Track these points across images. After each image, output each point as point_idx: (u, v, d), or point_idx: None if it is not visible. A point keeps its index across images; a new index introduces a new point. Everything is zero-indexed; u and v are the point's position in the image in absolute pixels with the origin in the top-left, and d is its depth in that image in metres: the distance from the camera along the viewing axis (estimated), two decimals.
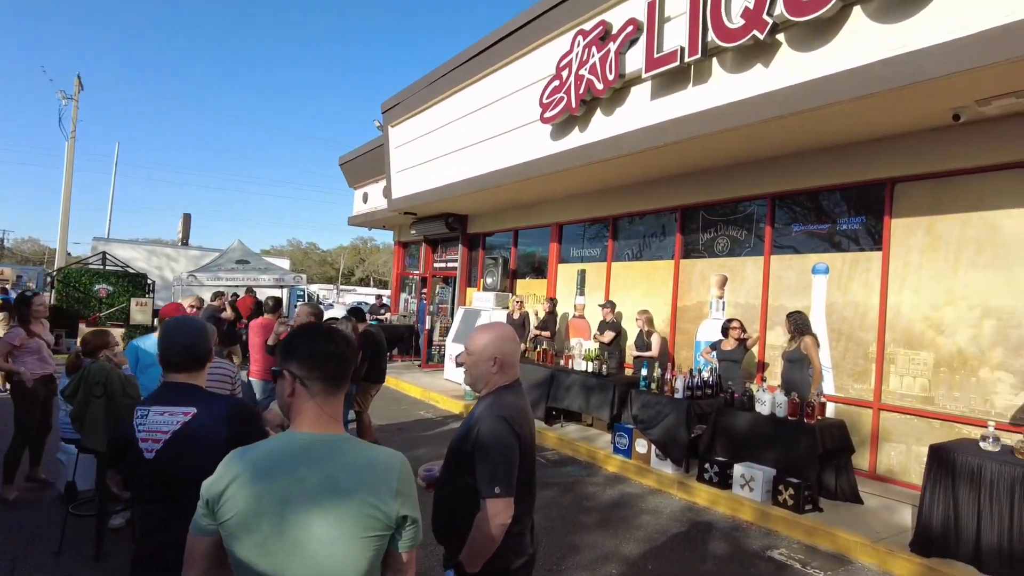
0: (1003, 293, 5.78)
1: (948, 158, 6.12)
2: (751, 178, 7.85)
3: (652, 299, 9.25)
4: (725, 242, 8.35)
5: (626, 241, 9.97)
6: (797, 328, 6.34)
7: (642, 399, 6.83)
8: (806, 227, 7.45)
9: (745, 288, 8.00)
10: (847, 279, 6.94)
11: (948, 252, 6.17)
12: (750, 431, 5.89)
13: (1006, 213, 5.83)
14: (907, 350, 6.38)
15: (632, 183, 9.47)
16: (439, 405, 10.28)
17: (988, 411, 5.79)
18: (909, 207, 6.50)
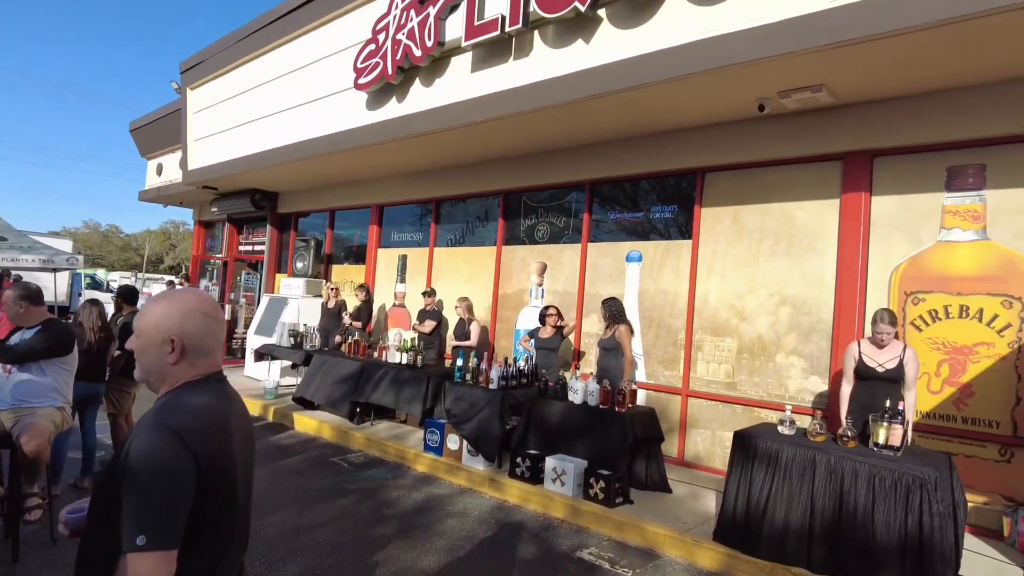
0: (797, 281, 6.03)
1: (752, 150, 6.28)
2: (571, 164, 7.67)
3: (474, 286, 8.82)
4: (546, 229, 8.12)
5: (449, 225, 9.45)
6: (612, 316, 6.19)
7: (456, 391, 6.33)
8: (622, 215, 7.40)
9: (564, 275, 7.82)
10: (659, 267, 6.97)
11: (751, 241, 6.35)
12: (563, 421, 5.61)
13: (799, 205, 6.08)
14: (713, 337, 6.50)
15: (456, 164, 8.97)
16: None
17: (783, 395, 6.02)
18: (717, 197, 6.62)
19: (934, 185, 5.41)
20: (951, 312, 5.25)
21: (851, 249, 5.69)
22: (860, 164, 5.70)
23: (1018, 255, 5.02)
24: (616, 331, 6.10)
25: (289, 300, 10.52)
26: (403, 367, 7.26)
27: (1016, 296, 5.01)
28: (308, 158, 9.10)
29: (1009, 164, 5.11)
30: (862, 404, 4.63)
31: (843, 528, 3.97)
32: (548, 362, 6.77)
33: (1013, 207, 5.06)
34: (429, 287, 8.70)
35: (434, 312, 8.32)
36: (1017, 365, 4.97)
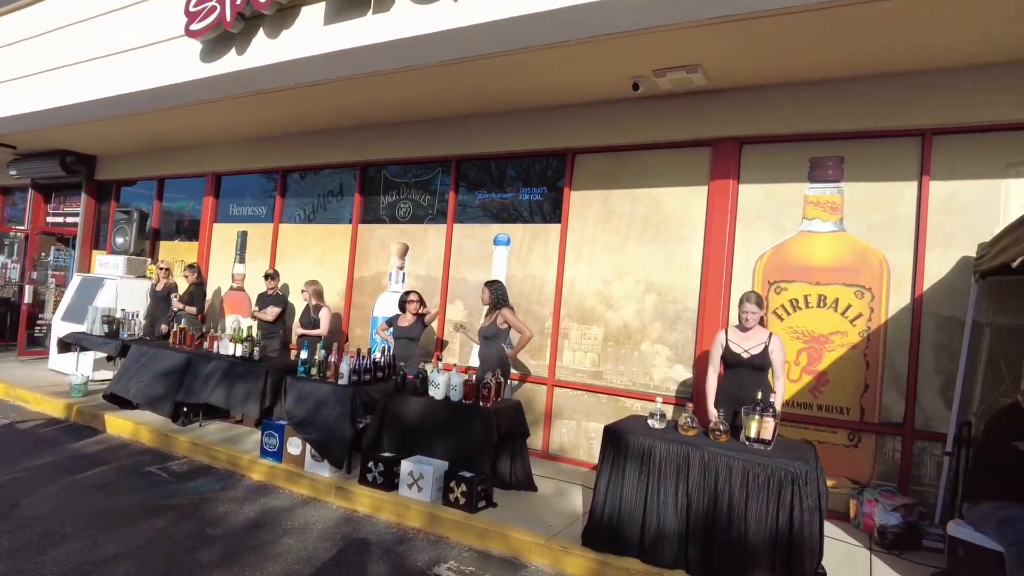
0: (663, 269, 5.89)
1: (624, 132, 6.05)
2: (438, 138, 7.08)
3: (326, 268, 7.99)
4: (408, 207, 7.48)
5: (298, 199, 8.50)
6: (497, 300, 5.72)
7: (299, 388, 5.57)
8: (490, 195, 6.94)
9: (427, 258, 7.24)
10: (527, 251, 6.59)
11: (620, 226, 6.14)
12: (423, 419, 5.06)
13: (668, 191, 5.94)
14: (580, 324, 6.23)
15: (307, 130, 8.05)
16: (30, 406, 7.60)
17: (648, 384, 5.88)
18: (587, 179, 6.34)
19: (798, 175, 5.45)
20: (810, 302, 5.32)
21: (718, 237, 5.62)
22: (729, 151, 5.64)
23: (869, 247, 5.15)
24: (499, 316, 5.65)
25: (105, 281, 9.02)
26: (237, 360, 6.34)
27: (867, 287, 5.14)
28: (131, 115, 7.78)
29: (863, 158, 5.23)
30: (730, 395, 4.51)
31: (717, 527, 3.78)
32: (408, 353, 6.18)
33: (866, 201, 5.19)
34: (272, 268, 7.76)
35: (277, 297, 7.41)
36: (866, 353, 5.11)
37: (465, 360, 6.85)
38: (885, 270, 5.09)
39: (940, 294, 4.88)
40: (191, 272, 8.03)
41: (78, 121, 8.33)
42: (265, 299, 7.43)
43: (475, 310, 6.83)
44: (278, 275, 7.54)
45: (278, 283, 7.49)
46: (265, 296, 7.46)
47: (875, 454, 4.99)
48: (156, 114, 7.64)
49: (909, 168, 5.07)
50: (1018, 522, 3.35)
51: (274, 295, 7.44)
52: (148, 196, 10.45)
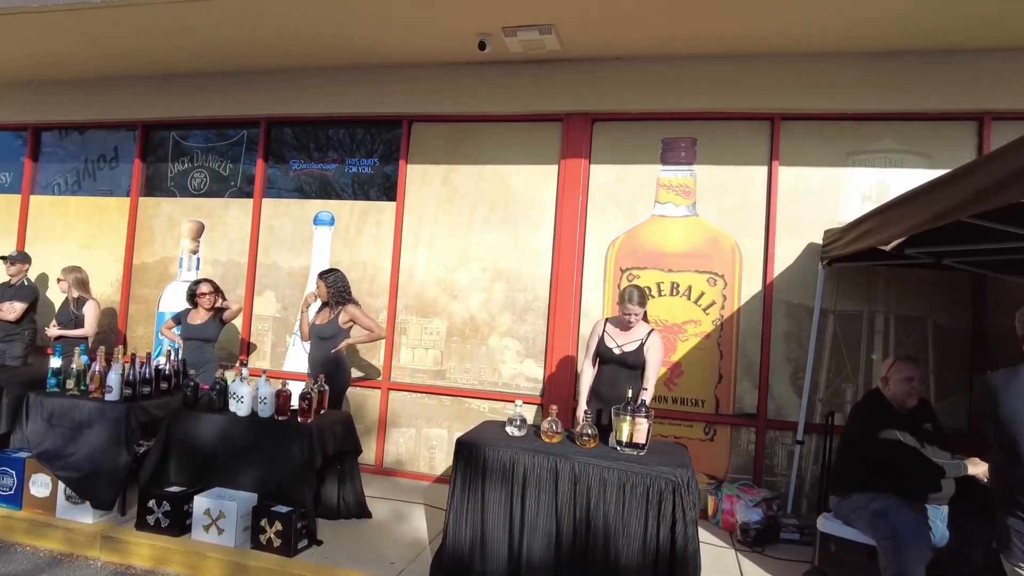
0: (512, 255, 5.32)
1: (468, 100, 5.36)
2: (243, 94, 5.86)
3: (96, 252, 6.38)
4: (204, 177, 6.16)
5: (57, 165, 6.71)
6: (338, 293, 4.71)
7: (49, 407, 4.19)
8: (309, 165, 5.88)
9: (228, 240, 6.00)
10: (356, 233, 5.67)
11: (464, 207, 5.45)
12: (223, 442, 3.98)
13: (516, 169, 5.36)
14: (420, 318, 5.46)
15: (70, 77, 6.34)
16: None
17: (496, 381, 5.28)
18: (426, 152, 5.56)
19: (650, 157, 5.13)
20: (663, 289, 5.03)
21: (569, 221, 5.15)
22: (580, 128, 5.18)
23: (722, 232, 4.97)
24: (342, 313, 4.67)
25: None
26: None
27: (719, 273, 4.96)
28: None
29: (715, 140, 5.03)
30: (600, 392, 4.04)
31: (592, 549, 3.25)
32: (201, 358, 4.99)
33: (718, 184, 5.00)
34: (19, 251, 6.01)
35: (24, 288, 5.73)
36: (720, 343, 4.93)
37: (278, 364, 5.77)
38: (737, 256, 4.94)
39: (789, 281, 4.81)
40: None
41: None
42: (7, 291, 5.72)
43: (290, 303, 5.77)
44: (27, 259, 5.84)
45: (24, 268, 5.80)
46: (7, 287, 5.74)
47: (731, 447, 4.82)
48: None
49: (760, 152, 4.95)
50: (891, 514, 3.19)
51: (19, 286, 5.74)
52: None
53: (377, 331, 4.71)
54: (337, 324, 4.66)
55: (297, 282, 5.75)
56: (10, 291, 5.71)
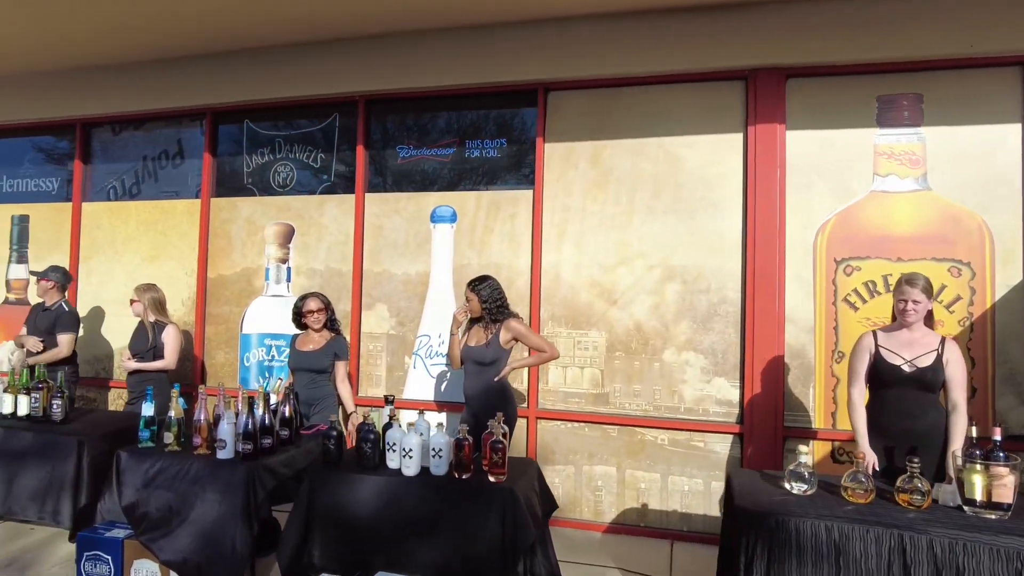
0: (687, 247, 4.29)
1: (620, 59, 4.34)
2: (333, 68, 4.87)
3: (163, 265, 5.42)
4: (289, 171, 5.17)
5: (111, 165, 5.74)
6: (494, 305, 3.69)
7: (144, 470, 3.21)
8: (420, 151, 4.88)
9: (325, 245, 5.00)
10: (484, 229, 4.66)
11: (620, 191, 4.42)
12: (387, 513, 2.96)
13: (686, 141, 4.34)
14: (572, 330, 4.44)
15: (120, 61, 5.37)
16: None
17: (676, 406, 4.25)
18: (568, 127, 4.54)
19: (863, 119, 4.09)
20: (891, 284, 3.98)
21: (765, 202, 4.12)
22: (771, 86, 4.15)
23: (964, 209, 3.93)
24: (502, 330, 3.65)
25: None
26: (21, 424, 3.75)
27: (964, 261, 3.91)
28: None
29: (948, 95, 3.98)
30: (883, 425, 3.01)
31: None
32: (315, 393, 4.01)
33: (954, 150, 3.96)
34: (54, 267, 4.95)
35: (65, 314, 4.75)
36: (970, 348, 3.88)
37: (396, 391, 4.77)
38: (987, 238, 3.89)
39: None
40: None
41: None
42: (42, 316, 4.76)
43: (407, 316, 4.77)
44: (64, 276, 4.85)
45: (62, 290, 4.81)
46: (42, 311, 4.79)
47: None
48: None
49: (1009, 107, 3.89)
50: None
51: (58, 310, 4.77)
52: None
53: (549, 350, 3.67)
54: (498, 345, 3.64)
55: (415, 292, 4.75)
56: (47, 316, 4.74)
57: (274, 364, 5.02)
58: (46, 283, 4.71)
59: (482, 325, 3.72)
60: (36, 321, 4.75)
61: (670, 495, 4.25)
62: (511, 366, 3.67)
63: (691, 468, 4.21)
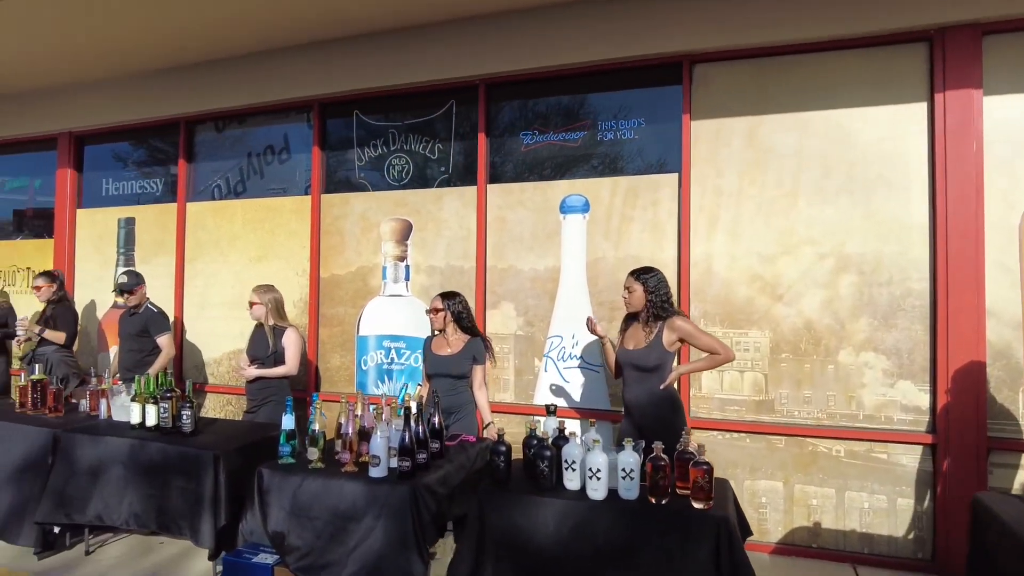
0: (863, 234, 3.78)
1: (776, 24, 3.86)
2: (448, 51, 4.54)
3: (272, 265, 5.22)
4: (404, 163, 4.87)
5: (216, 164, 5.59)
6: (660, 302, 3.28)
7: (289, 490, 2.93)
8: (547, 136, 4.50)
9: (445, 241, 4.69)
10: (621, 219, 4.25)
11: (782, 172, 3.94)
12: (574, 543, 2.59)
13: (858, 114, 3.82)
14: (728, 329, 3.99)
15: (223, 55, 5.20)
16: None
17: (854, 413, 3.75)
18: (718, 102, 4.08)
19: None
20: None
21: (957, 180, 3.57)
22: (964, 45, 3.59)
23: None
24: (665, 330, 3.24)
25: None
26: (150, 435, 3.56)
27: None
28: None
29: None
30: None
31: None
32: (457, 400, 3.68)
33: None
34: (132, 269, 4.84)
35: (154, 316, 4.62)
36: None
37: (526, 396, 4.42)
38: None
39: None
40: (46, 282, 5.02)
41: None
42: (129, 320, 4.65)
43: (536, 315, 4.41)
44: (140, 277, 4.71)
45: (141, 291, 4.68)
46: (129, 315, 4.68)
47: None
48: None
49: None
50: None
51: (146, 312, 4.64)
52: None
53: (724, 352, 3.23)
54: (661, 347, 3.22)
55: (544, 289, 4.38)
56: (135, 320, 4.60)
57: (393, 367, 4.74)
58: (141, 290, 4.61)
59: (640, 323, 3.30)
60: (125, 326, 4.67)
61: (847, 513, 3.76)
62: (678, 371, 3.25)
63: (872, 483, 3.71)
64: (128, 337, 4.59)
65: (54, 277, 5.08)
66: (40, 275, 5.10)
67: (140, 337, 4.54)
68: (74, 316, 5.09)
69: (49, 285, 5.03)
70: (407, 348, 4.72)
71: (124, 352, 4.60)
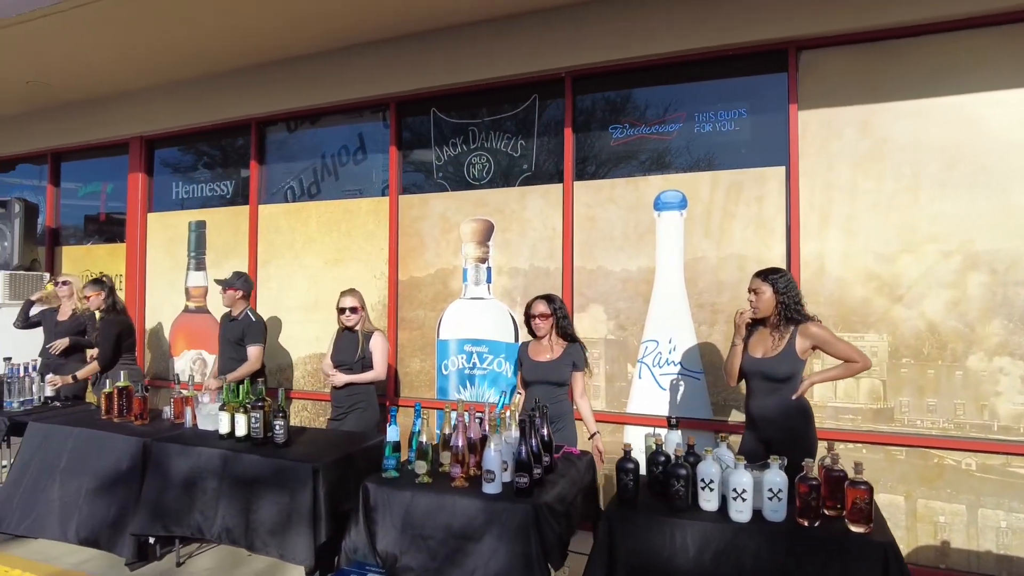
0: (995, 229, 3.48)
1: (888, 3, 3.58)
2: (532, 42, 4.36)
3: (348, 268, 5.12)
4: (484, 162, 4.72)
5: (288, 165, 5.52)
6: (793, 305, 3.05)
7: (398, 507, 2.78)
8: (638, 130, 4.29)
9: (529, 242, 4.51)
10: (723, 215, 4.01)
11: (901, 164, 3.66)
12: (714, 569, 2.40)
13: (989, 99, 3.52)
14: (843, 332, 3.72)
15: (293, 54, 5.12)
16: None
17: (987, 424, 3.46)
18: (827, 90, 3.82)
19: None
20: None
21: None
22: None
23: None
24: (795, 338, 3.00)
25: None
26: (243, 445, 3.46)
27: None
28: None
29: None
30: None
31: None
32: (558, 410, 3.49)
33: None
34: (238, 273, 4.67)
35: (253, 324, 4.48)
36: None
37: (618, 405, 4.22)
38: None
39: None
40: (95, 290, 4.82)
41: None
42: (230, 326, 4.53)
43: (628, 319, 4.20)
44: (247, 283, 4.58)
45: (246, 296, 4.56)
46: (229, 321, 4.56)
47: None
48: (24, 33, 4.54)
49: None
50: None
51: (245, 320, 4.51)
52: (35, 178, 7.09)
53: (861, 360, 2.97)
54: (794, 355, 2.97)
55: (637, 291, 4.18)
56: (234, 327, 4.49)
57: (475, 372, 4.59)
58: (233, 292, 4.47)
59: (769, 329, 3.07)
60: (224, 332, 4.55)
61: (980, 532, 3.47)
62: (812, 380, 3.01)
63: (1009, 500, 3.41)
64: (227, 343, 4.50)
65: (103, 284, 4.85)
66: (88, 284, 4.85)
67: (238, 345, 4.44)
68: (118, 334, 4.79)
69: (98, 294, 4.79)
70: (489, 352, 4.56)
71: (224, 358, 4.50)
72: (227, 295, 4.51)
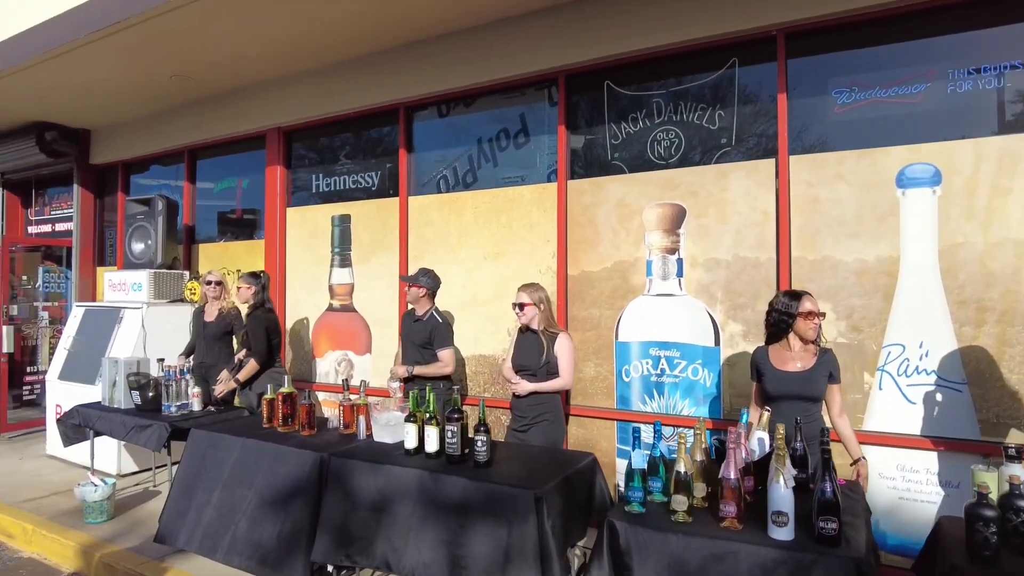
0: None
1: None
2: None
3: (509, 262, 4.67)
4: (672, 139, 4.13)
5: (439, 152, 5.12)
6: None
7: (665, 552, 2.25)
8: (866, 94, 3.58)
9: (731, 228, 3.89)
10: (990, 193, 3.26)
11: None
12: None
13: None
14: None
15: (442, 31, 4.70)
16: (15, 543, 4.29)
17: None
18: None
19: None
20: None
21: None
22: None
23: None
24: None
25: (123, 312, 5.72)
26: (437, 463, 3.04)
27: None
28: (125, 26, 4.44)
29: None
30: None
31: None
32: (811, 430, 2.87)
33: None
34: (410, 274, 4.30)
35: (440, 325, 4.07)
36: None
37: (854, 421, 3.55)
38: None
39: None
40: (248, 283, 4.66)
41: (49, 53, 4.95)
42: (415, 327, 4.13)
43: (863, 319, 3.52)
44: (434, 281, 4.19)
45: (431, 295, 4.16)
46: (414, 321, 4.15)
47: None
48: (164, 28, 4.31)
49: None
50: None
51: (431, 321, 4.10)
52: (174, 177, 7.06)
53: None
54: None
55: (875, 285, 3.49)
56: (420, 328, 4.09)
57: (664, 380, 4.02)
58: (417, 290, 4.09)
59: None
60: (407, 333, 4.18)
61: None
62: None
63: None
64: (412, 346, 4.12)
65: (258, 278, 4.71)
66: (244, 275, 4.75)
67: (424, 348, 4.06)
68: (266, 329, 4.61)
69: (250, 287, 4.65)
70: (682, 357, 3.98)
71: (409, 362, 4.11)
72: (411, 292, 4.15)
